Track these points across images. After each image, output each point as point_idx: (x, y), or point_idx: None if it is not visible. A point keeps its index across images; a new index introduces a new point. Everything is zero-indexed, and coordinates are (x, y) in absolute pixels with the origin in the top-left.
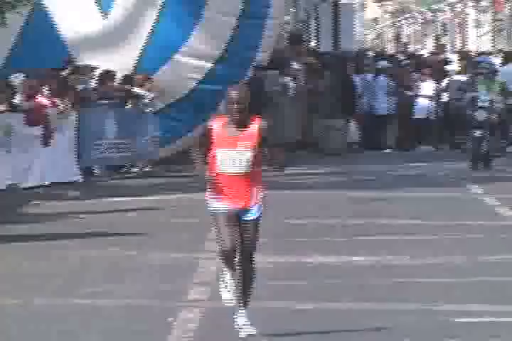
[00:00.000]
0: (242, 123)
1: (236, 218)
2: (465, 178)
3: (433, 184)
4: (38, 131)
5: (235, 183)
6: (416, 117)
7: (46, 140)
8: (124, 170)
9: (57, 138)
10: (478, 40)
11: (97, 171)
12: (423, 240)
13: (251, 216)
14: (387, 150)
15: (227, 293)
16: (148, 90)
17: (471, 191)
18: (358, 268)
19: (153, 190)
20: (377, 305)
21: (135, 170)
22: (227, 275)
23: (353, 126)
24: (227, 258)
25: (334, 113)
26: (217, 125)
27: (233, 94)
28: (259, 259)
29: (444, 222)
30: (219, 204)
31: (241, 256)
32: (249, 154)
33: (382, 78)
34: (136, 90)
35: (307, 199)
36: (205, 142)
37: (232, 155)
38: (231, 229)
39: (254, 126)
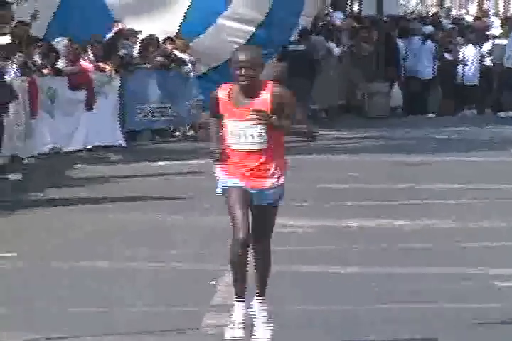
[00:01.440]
0: (251, 91)
1: (249, 200)
2: (509, 142)
3: (476, 148)
4: (81, 95)
5: (247, 161)
6: (459, 82)
7: (89, 104)
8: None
9: (100, 103)
10: None
11: (140, 135)
12: (466, 204)
13: (266, 200)
14: (430, 115)
15: (232, 331)
16: (191, 54)
17: None
18: (400, 232)
19: (196, 154)
20: (419, 269)
21: (178, 134)
22: (237, 308)
23: (396, 90)
24: (241, 245)
25: (378, 77)
26: (223, 94)
27: (241, 57)
28: (300, 223)
29: (487, 186)
30: (230, 182)
31: (254, 242)
32: (261, 127)
33: (428, 43)
34: (179, 54)
35: (349, 163)
36: (214, 112)
37: (242, 128)
38: (243, 209)
39: (267, 94)
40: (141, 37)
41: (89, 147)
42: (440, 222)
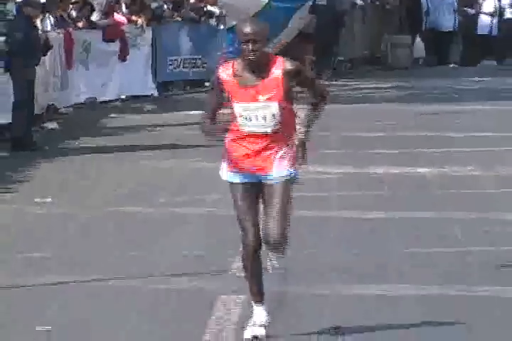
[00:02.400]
0: (260, 68)
1: (255, 195)
2: None
3: (497, 97)
4: (114, 46)
5: (257, 143)
6: (479, 33)
7: (123, 55)
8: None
9: (133, 54)
10: None
11: (171, 86)
12: (488, 152)
13: (276, 180)
14: (452, 65)
15: (252, 329)
16: (221, 8)
17: None
18: (422, 179)
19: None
20: (444, 214)
21: (208, 84)
22: (257, 311)
23: (419, 42)
24: (251, 251)
25: (402, 29)
26: (227, 74)
27: (248, 28)
28: (326, 170)
29: (508, 134)
30: (235, 174)
31: (267, 228)
32: (274, 107)
33: None
34: (209, 8)
35: (373, 113)
36: (214, 96)
37: (252, 109)
38: (250, 209)
39: (278, 71)
40: None
41: (122, 97)
42: (463, 169)
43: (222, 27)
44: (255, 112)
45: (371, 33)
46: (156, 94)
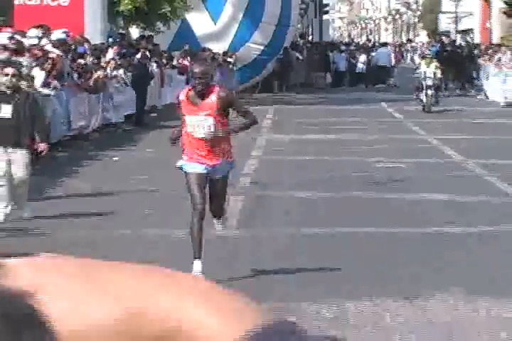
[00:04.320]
0: (203, 94)
1: (205, 178)
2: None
3: (359, 102)
4: (182, 77)
5: (203, 145)
6: (357, 71)
7: (186, 82)
8: None
9: None
10: None
11: None
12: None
13: (219, 174)
14: (344, 87)
15: (198, 264)
16: (234, 59)
17: None
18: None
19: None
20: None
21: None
22: (196, 263)
23: (328, 75)
24: (199, 214)
25: (320, 69)
26: (183, 96)
27: (196, 69)
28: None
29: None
30: (190, 165)
31: (211, 205)
32: (210, 120)
33: (343, 54)
34: (228, 59)
35: (306, 110)
36: (178, 110)
37: (196, 121)
38: (201, 187)
39: (214, 96)
40: (208, 53)
41: None
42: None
43: (234, 68)
44: (198, 123)
45: (305, 71)
46: None
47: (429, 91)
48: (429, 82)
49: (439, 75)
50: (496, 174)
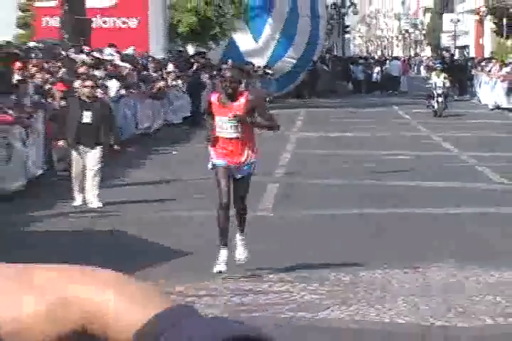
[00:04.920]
0: (232, 96)
1: (231, 174)
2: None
3: (373, 105)
4: None
5: (230, 145)
6: (373, 81)
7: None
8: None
9: None
10: None
11: None
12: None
13: (242, 173)
14: (362, 94)
15: (219, 266)
16: (272, 71)
17: None
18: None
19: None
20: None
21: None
22: (222, 252)
23: (350, 84)
24: (225, 206)
25: (343, 79)
26: (214, 98)
27: (227, 74)
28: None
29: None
30: (219, 160)
31: (235, 202)
32: (236, 122)
33: (360, 66)
34: (267, 70)
35: (331, 112)
36: (208, 111)
37: (224, 121)
38: (227, 182)
39: (243, 99)
40: (249, 67)
41: None
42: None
43: (272, 78)
44: (226, 123)
45: (330, 80)
46: None
47: (440, 99)
48: (439, 91)
49: (447, 85)
50: (486, 164)
